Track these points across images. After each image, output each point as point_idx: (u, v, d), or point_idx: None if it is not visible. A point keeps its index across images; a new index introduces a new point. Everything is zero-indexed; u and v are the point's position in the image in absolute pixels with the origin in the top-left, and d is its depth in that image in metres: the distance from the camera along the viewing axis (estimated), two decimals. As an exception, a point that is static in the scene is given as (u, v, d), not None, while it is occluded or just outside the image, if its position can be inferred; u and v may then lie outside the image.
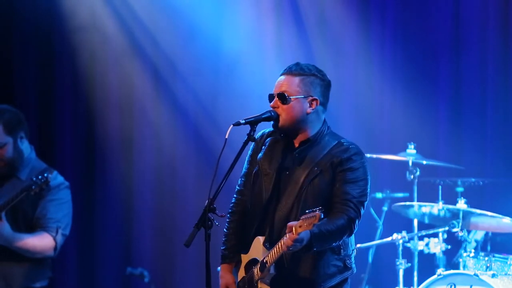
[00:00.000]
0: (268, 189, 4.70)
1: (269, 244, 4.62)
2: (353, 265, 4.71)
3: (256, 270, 4.65)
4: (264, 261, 4.60)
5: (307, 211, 4.30)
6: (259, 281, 4.61)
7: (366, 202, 4.63)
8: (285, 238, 4.40)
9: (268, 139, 4.83)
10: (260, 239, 4.67)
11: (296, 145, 4.73)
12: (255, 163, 4.81)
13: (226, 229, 4.87)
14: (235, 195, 4.90)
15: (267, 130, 4.85)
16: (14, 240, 5.99)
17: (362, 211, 4.59)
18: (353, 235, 4.68)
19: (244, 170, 4.88)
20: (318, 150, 4.67)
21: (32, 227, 6.11)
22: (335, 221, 4.49)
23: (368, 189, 4.64)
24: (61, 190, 6.18)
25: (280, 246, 4.47)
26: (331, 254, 4.62)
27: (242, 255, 4.79)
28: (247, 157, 4.87)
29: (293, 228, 4.34)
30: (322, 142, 4.69)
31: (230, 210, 4.88)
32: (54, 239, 6.10)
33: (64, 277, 8.51)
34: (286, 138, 4.77)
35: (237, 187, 4.91)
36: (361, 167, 4.62)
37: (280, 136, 4.78)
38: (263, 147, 4.82)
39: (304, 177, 4.61)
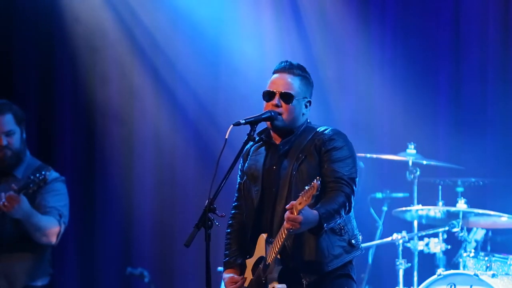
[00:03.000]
0: (258, 190, 4.72)
1: (273, 238, 4.60)
2: (360, 245, 4.70)
3: (260, 269, 4.65)
4: (266, 263, 4.60)
5: (306, 187, 4.29)
6: (267, 277, 4.60)
7: (357, 179, 4.63)
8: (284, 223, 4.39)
9: (252, 148, 4.85)
10: (264, 236, 4.67)
11: (279, 141, 4.74)
12: (243, 175, 4.83)
13: (225, 241, 4.89)
14: (232, 211, 4.92)
15: (250, 144, 4.83)
16: (32, 215, 6.02)
17: (355, 188, 4.59)
18: (354, 220, 4.69)
19: (237, 185, 4.90)
20: (301, 140, 4.69)
21: None
22: (336, 199, 4.48)
23: (357, 167, 4.65)
24: (57, 183, 6.23)
25: (280, 235, 4.47)
26: (333, 235, 4.61)
27: (247, 260, 4.78)
28: (238, 172, 4.89)
29: (293, 207, 4.33)
30: (304, 133, 4.71)
31: (228, 224, 4.90)
32: (59, 223, 6.13)
33: (64, 277, 8.51)
34: (268, 139, 4.78)
35: (233, 203, 4.92)
36: (345, 145, 4.64)
37: (262, 139, 4.79)
38: (248, 157, 4.84)
39: (291, 166, 4.62)
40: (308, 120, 4.78)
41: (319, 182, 4.23)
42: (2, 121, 6.16)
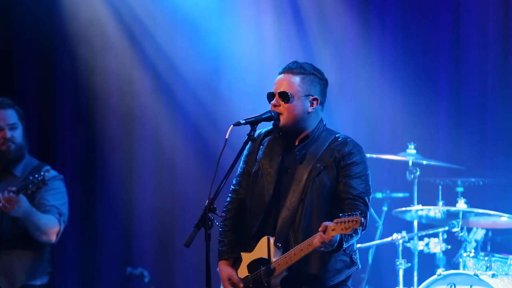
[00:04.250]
0: (270, 189, 4.71)
1: (281, 244, 4.62)
2: (358, 261, 4.74)
3: (262, 272, 4.65)
4: (272, 267, 4.60)
5: (340, 214, 4.31)
6: (270, 282, 4.61)
7: (371, 196, 4.67)
8: (315, 238, 4.40)
9: (266, 138, 4.84)
10: (269, 239, 4.66)
11: (295, 143, 4.74)
12: (253, 163, 4.81)
13: (222, 227, 4.85)
14: (230, 194, 4.90)
15: (264, 130, 4.86)
16: (31, 213, 6.02)
17: (369, 206, 4.63)
18: None
19: (239, 170, 4.89)
20: (318, 146, 4.69)
21: None
22: None
23: (371, 183, 4.68)
24: (56, 181, 6.24)
25: (301, 249, 4.48)
26: None
27: (243, 253, 4.78)
28: (242, 157, 4.87)
29: (326, 229, 4.34)
30: (320, 138, 4.72)
31: (225, 209, 4.87)
32: (59, 221, 6.13)
33: (64, 277, 8.50)
34: (284, 137, 4.77)
35: (232, 187, 4.91)
36: (362, 162, 4.67)
37: (278, 135, 4.79)
38: (261, 146, 4.82)
39: (307, 174, 4.64)
40: (324, 123, 4.78)
41: (362, 218, 4.27)
42: (6, 114, 6.20)
